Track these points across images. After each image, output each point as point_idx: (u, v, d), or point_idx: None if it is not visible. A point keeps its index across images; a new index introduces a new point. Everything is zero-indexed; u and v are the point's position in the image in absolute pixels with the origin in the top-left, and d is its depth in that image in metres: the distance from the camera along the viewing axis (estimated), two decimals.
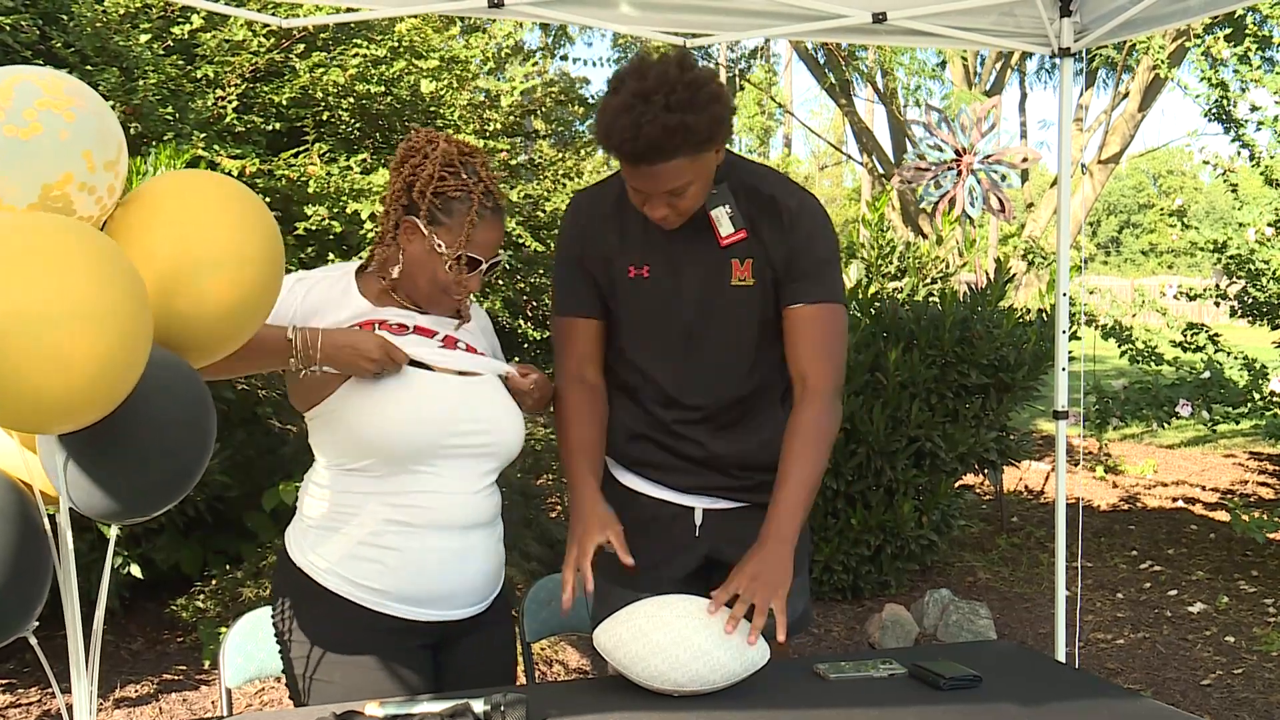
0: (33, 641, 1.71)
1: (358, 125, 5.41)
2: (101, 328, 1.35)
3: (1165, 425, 5.54)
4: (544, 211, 6.08)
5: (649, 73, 1.85)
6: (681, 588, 2.21)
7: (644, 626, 1.80)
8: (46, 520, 1.69)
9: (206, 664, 4.08)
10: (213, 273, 1.59)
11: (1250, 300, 5.77)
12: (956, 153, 5.86)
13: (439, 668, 2.04)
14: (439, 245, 1.91)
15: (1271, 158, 5.60)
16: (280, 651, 2.02)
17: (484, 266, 1.95)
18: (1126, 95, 12.24)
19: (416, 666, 1.96)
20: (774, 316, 2.09)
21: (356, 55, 5.12)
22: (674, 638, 1.78)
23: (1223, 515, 6.48)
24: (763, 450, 2.15)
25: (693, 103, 1.83)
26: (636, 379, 2.17)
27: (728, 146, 2.06)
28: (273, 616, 2.03)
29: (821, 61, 13.39)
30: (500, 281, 5.72)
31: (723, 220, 2.04)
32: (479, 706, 1.69)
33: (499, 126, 5.69)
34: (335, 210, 4.77)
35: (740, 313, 2.08)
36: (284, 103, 5.01)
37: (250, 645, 2.17)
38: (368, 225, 4.76)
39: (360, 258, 2.19)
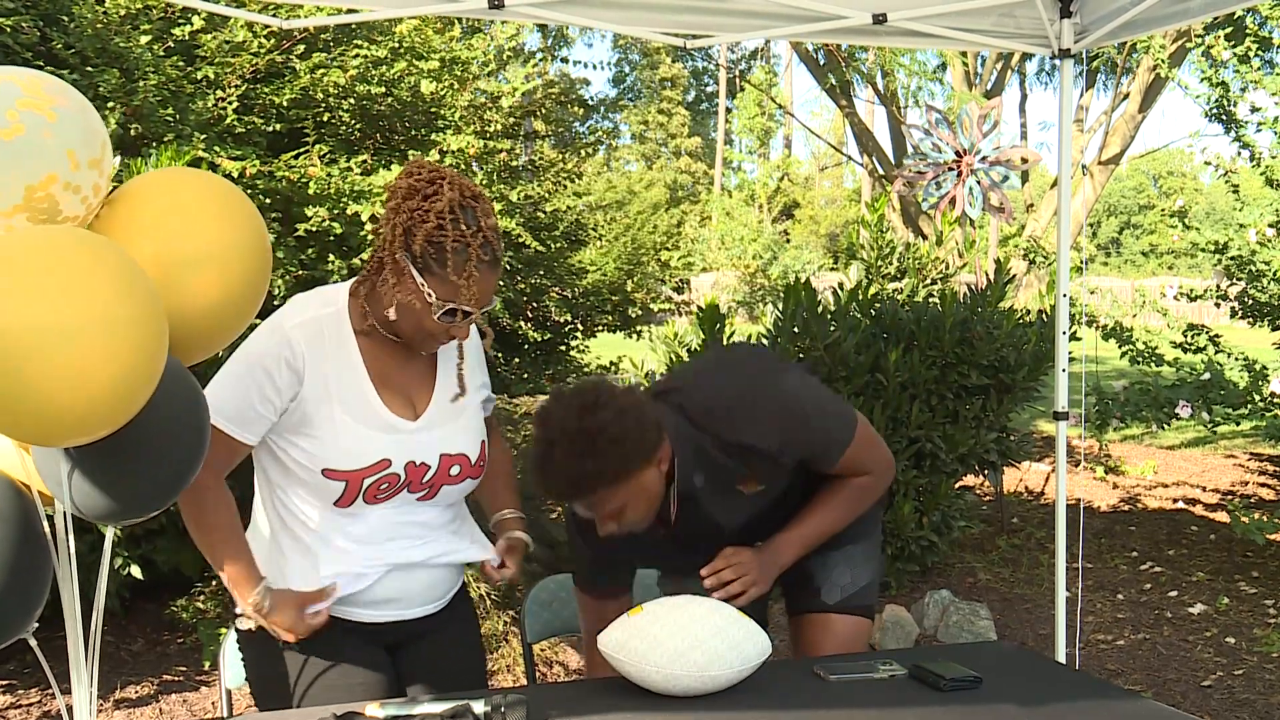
0: (33, 643, 1.71)
1: (358, 126, 5.41)
2: (119, 341, 1.34)
3: (1165, 426, 5.54)
4: (544, 213, 6.08)
5: (550, 421, 1.87)
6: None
7: (649, 628, 1.80)
8: (46, 522, 1.68)
9: (206, 665, 4.08)
10: (199, 269, 1.58)
11: (1251, 301, 5.77)
12: (956, 154, 5.86)
13: (402, 667, 2.06)
14: (429, 294, 1.84)
15: (1273, 158, 5.59)
16: (243, 659, 2.05)
17: (475, 315, 1.90)
18: (1127, 96, 12.24)
19: (376, 667, 1.98)
20: (796, 476, 2.14)
21: (357, 56, 5.12)
22: (682, 634, 1.79)
23: (1223, 516, 6.48)
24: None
25: (590, 451, 1.83)
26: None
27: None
28: (235, 629, 2.05)
29: (822, 63, 13.39)
30: (500, 283, 5.72)
31: None
32: (479, 707, 1.69)
33: (499, 128, 5.69)
34: (336, 211, 4.77)
35: (764, 504, 2.14)
36: (284, 104, 5.01)
37: None
38: (368, 227, 4.76)
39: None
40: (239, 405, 1.87)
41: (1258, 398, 5.29)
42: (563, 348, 6.45)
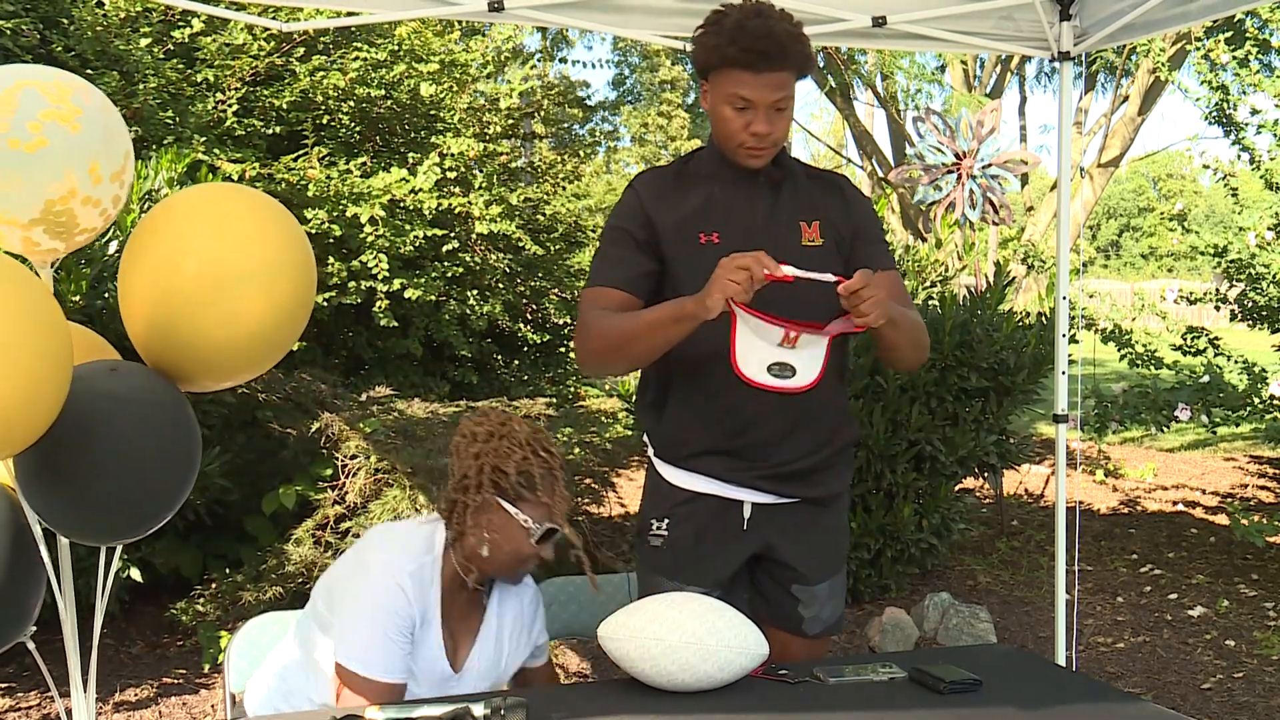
0: (30, 647, 1.71)
1: (358, 129, 5.41)
2: (14, 364, 1.32)
3: (1165, 429, 5.54)
4: (543, 215, 6.08)
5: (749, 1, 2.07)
6: (728, 583, 2.24)
7: (646, 624, 1.81)
8: (37, 526, 1.67)
9: (206, 668, 4.08)
10: (246, 287, 1.55)
11: (1250, 304, 5.77)
12: (956, 156, 5.86)
13: None
14: (525, 520, 1.95)
15: (1271, 159, 5.60)
16: None
17: (558, 534, 1.99)
18: (1126, 99, 12.26)
19: None
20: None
21: (356, 59, 5.13)
22: (678, 631, 1.79)
23: (1223, 519, 6.48)
24: (821, 433, 2.18)
25: (798, 26, 2.06)
26: (701, 352, 2.12)
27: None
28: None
29: (821, 65, 13.40)
30: (500, 285, 5.72)
31: None
32: (479, 710, 1.69)
33: (498, 130, 5.69)
34: (335, 214, 4.77)
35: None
36: (284, 106, 5.01)
37: (255, 650, 2.17)
38: (367, 229, 4.76)
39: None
40: (388, 659, 1.90)
41: (1257, 400, 5.29)
42: (562, 349, 6.45)
